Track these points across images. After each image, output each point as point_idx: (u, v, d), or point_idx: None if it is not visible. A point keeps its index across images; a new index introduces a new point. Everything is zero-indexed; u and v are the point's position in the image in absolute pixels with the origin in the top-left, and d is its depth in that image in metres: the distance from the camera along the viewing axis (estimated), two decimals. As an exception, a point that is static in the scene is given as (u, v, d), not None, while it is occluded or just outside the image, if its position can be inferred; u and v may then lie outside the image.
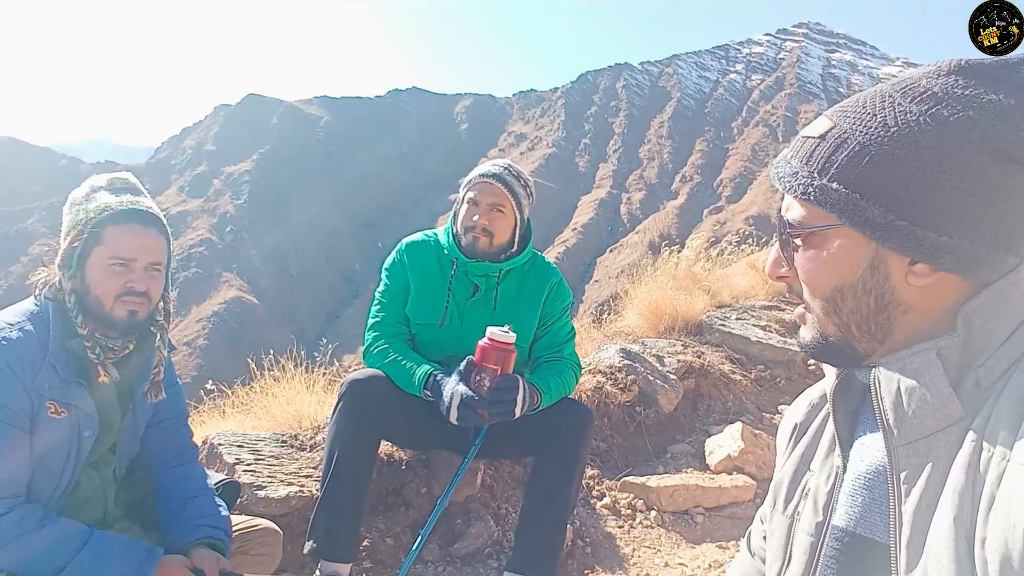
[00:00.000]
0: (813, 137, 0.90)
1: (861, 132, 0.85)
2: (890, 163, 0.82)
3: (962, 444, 0.80)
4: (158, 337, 1.90)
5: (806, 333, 0.97)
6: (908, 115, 0.83)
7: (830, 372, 1.00)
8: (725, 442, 3.83)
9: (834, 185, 0.85)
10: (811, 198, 0.87)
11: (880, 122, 0.84)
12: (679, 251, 6.89)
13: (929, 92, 0.83)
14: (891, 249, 0.84)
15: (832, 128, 0.88)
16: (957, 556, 0.74)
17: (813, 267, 0.90)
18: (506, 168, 2.72)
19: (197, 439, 2.30)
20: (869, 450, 0.93)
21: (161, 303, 1.88)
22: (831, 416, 0.99)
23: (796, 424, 1.13)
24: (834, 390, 0.98)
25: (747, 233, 9.05)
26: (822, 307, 0.92)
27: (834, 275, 0.89)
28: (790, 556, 1.02)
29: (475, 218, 2.65)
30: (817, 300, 0.92)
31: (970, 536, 0.74)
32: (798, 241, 0.91)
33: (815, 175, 0.87)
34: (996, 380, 0.81)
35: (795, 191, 0.90)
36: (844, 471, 0.96)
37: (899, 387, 0.85)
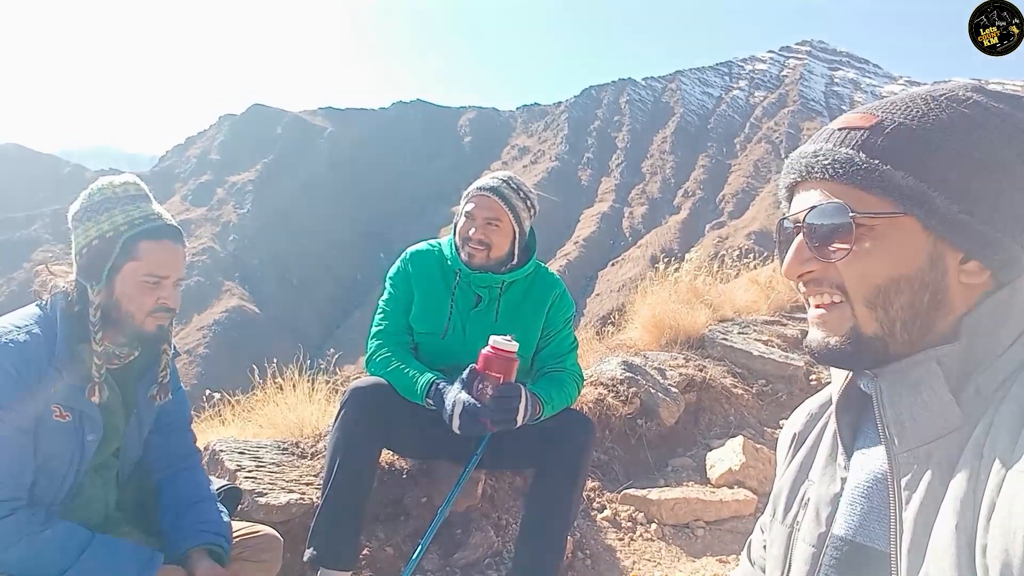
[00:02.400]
0: (860, 128, 0.89)
1: (921, 125, 0.86)
2: (958, 156, 0.84)
3: (963, 451, 0.81)
4: (164, 340, 1.92)
5: (834, 330, 0.92)
6: (975, 109, 0.86)
7: (836, 381, 1.01)
8: (726, 456, 3.83)
9: (900, 173, 0.85)
10: (874, 185, 0.86)
11: (946, 118, 0.86)
12: (681, 265, 6.91)
13: (973, 100, 0.87)
14: (947, 243, 0.85)
15: (881, 121, 0.89)
16: (959, 563, 0.75)
17: (867, 257, 0.87)
18: (505, 181, 2.72)
19: (199, 446, 2.30)
20: (869, 460, 0.93)
21: None
22: (836, 426, 0.99)
23: (795, 434, 1.14)
24: (838, 401, 0.99)
25: (748, 249, 9.07)
26: (868, 301, 0.88)
27: (890, 266, 0.86)
28: (789, 565, 1.03)
29: (471, 231, 2.66)
30: (863, 293, 0.88)
31: (971, 543, 0.75)
32: (848, 231, 0.87)
33: (877, 163, 0.86)
34: (996, 388, 0.82)
35: (853, 178, 0.87)
36: (847, 481, 0.96)
37: (901, 395, 0.86)
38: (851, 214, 0.87)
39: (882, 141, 0.87)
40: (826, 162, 0.90)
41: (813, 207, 0.91)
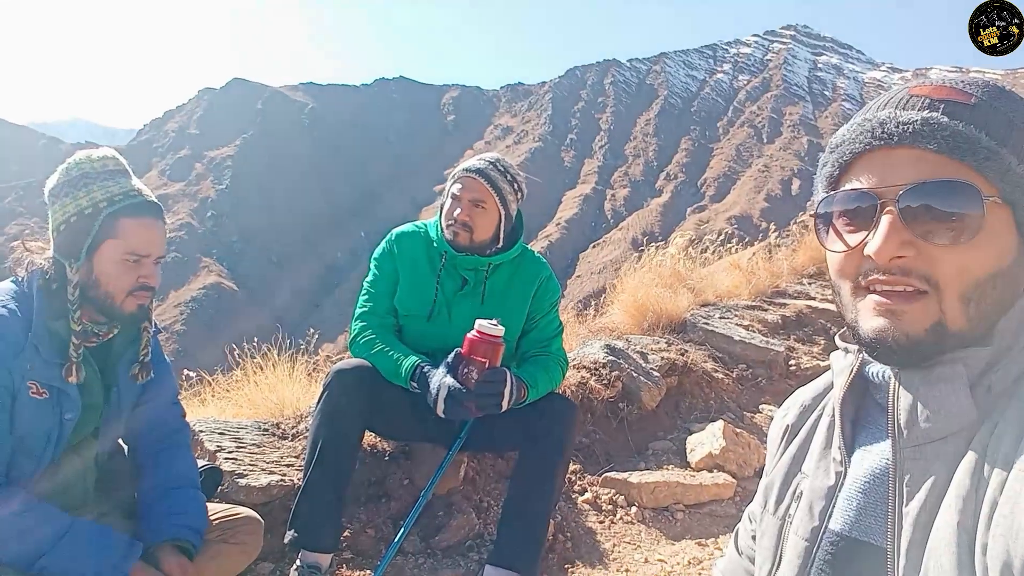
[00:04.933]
0: (962, 103, 0.82)
1: (1012, 111, 0.82)
2: None
3: (968, 449, 0.80)
4: (144, 318, 1.88)
5: (912, 324, 0.82)
6: None
7: (841, 374, 0.99)
8: (706, 440, 3.85)
9: (1015, 160, 0.79)
10: (990, 169, 0.79)
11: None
12: (663, 249, 6.91)
13: None
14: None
15: (980, 100, 0.83)
16: (959, 561, 0.74)
17: (974, 247, 0.80)
18: (492, 163, 2.69)
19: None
20: (869, 455, 0.92)
21: None
22: (838, 420, 0.97)
23: (788, 426, 1.13)
24: (843, 398, 0.97)
25: (730, 233, 9.11)
26: (964, 295, 0.80)
27: (994, 259, 0.80)
28: (780, 557, 1.02)
29: (456, 213, 2.64)
30: (960, 287, 0.80)
31: (972, 541, 0.74)
32: (973, 216, 0.79)
33: (995, 144, 0.80)
34: (1007, 387, 0.81)
35: (973, 156, 0.79)
36: (845, 476, 0.95)
37: (919, 390, 0.84)
38: (984, 198, 0.78)
39: (992, 122, 0.80)
40: (945, 133, 0.80)
41: (924, 182, 0.81)
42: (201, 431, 2.94)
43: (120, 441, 2.04)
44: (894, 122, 0.83)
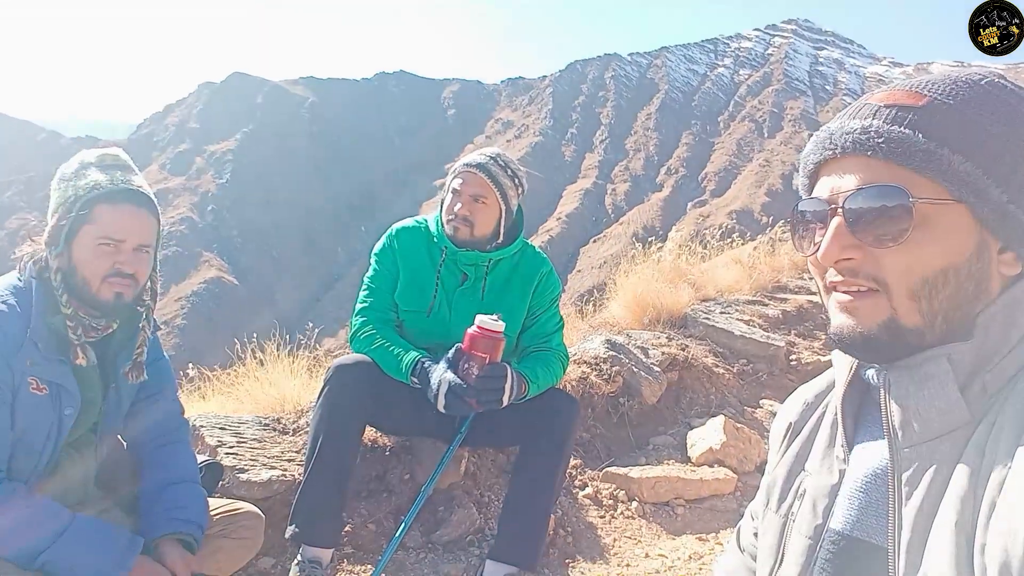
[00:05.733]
0: (910, 106, 0.85)
1: (971, 108, 0.83)
2: (1007, 144, 0.82)
3: (966, 448, 0.80)
4: (143, 317, 1.88)
5: (867, 319, 0.87)
6: (1015, 99, 0.84)
7: (841, 371, 0.99)
8: (707, 435, 3.85)
9: (959, 158, 0.81)
10: (931, 169, 0.82)
11: (991, 104, 0.83)
12: (663, 244, 6.90)
13: (1010, 88, 0.85)
14: (989, 232, 0.83)
15: (931, 101, 0.84)
16: (957, 561, 0.74)
17: (917, 247, 0.82)
18: (493, 158, 2.69)
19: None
20: (869, 453, 0.92)
21: (148, 283, 1.85)
22: (840, 417, 0.97)
23: (790, 423, 1.12)
24: (843, 395, 0.97)
25: (731, 228, 9.09)
26: (912, 292, 0.84)
27: (941, 256, 0.82)
28: (783, 556, 1.02)
29: (456, 208, 2.64)
30: (908, 285, 0.84)
31: (970, 542, 0.74)
32: (903, 217, 0.82)
33: (935, 145, 0.82)
34: (1003, 386, 0.81)
35: (909, 160, 0.82)
36: (845, 474, 0.95)
37: (908, 390, 0.85)
38: (911, 199, 0.82)
39: (937, 123, 0.83)
40: (879, 140, 0.84)
41: (860, 188, 0.85)
42: (202, 426, 2.94)
43: (120, 437, 2.04)
44: (840, 132, 0.88)
